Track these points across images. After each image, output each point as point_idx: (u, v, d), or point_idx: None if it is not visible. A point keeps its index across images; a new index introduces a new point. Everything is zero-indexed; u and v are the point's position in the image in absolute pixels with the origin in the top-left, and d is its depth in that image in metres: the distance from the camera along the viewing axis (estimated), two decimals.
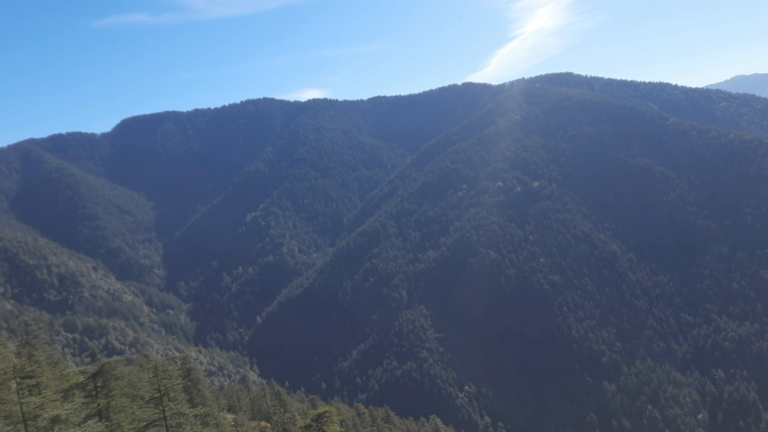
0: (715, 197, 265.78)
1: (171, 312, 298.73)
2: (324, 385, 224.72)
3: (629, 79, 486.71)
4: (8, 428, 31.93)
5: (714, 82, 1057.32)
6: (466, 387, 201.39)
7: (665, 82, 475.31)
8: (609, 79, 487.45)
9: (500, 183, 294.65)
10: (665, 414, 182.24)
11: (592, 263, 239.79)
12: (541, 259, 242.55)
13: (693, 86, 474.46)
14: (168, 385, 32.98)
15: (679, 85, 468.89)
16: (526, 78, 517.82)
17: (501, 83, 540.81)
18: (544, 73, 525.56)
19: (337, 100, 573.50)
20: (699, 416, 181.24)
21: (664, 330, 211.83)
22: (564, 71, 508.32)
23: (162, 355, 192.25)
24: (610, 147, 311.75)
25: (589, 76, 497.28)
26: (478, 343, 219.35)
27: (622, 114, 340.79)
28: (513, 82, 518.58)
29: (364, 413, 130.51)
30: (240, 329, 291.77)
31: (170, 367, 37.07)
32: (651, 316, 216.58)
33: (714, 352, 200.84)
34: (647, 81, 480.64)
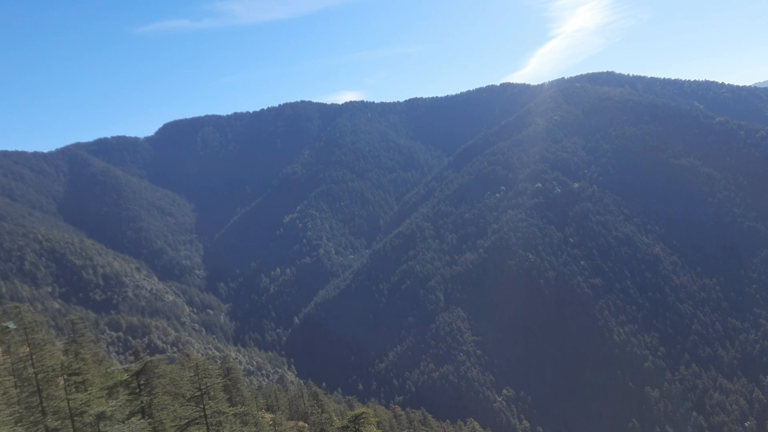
0: (764, 198, 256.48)
1: (211, 312, 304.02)
2: (361, 387, 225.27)
3: (673, 78, 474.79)
4: (56, 423, 32.80)
5: (763, 80, 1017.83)
6: (505, 390, 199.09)
7: (711, 80, 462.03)
8: (652, 78, 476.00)
9: (539, 184, 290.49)
10: (711, 421, 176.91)
11: (635, 266, 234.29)
12: (582, 262, 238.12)
13: (740, 84, 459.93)
14: (208, 384, 33.32)
15: (726, 83, 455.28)
16: (565, 78, 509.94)
17: (540, 83, 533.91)
18: (584, 72, 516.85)
19: (373, 102, 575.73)
20: (746, 424, 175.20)
21: (709, 335, 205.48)
22: (605, 70, 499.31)
23: (202, 355, 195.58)
24: (654, 147, 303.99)
25: (631, 75, 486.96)
26: (516, 347, 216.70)
27: (665, 113, 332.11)
28: (552, 82, 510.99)
29: (400, 415, 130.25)
30: (278, 330, 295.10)
31: (210, 366, 37.46)
32: (696, 320, 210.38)
33: (762, 358, 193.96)
34: (692, 79, 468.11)
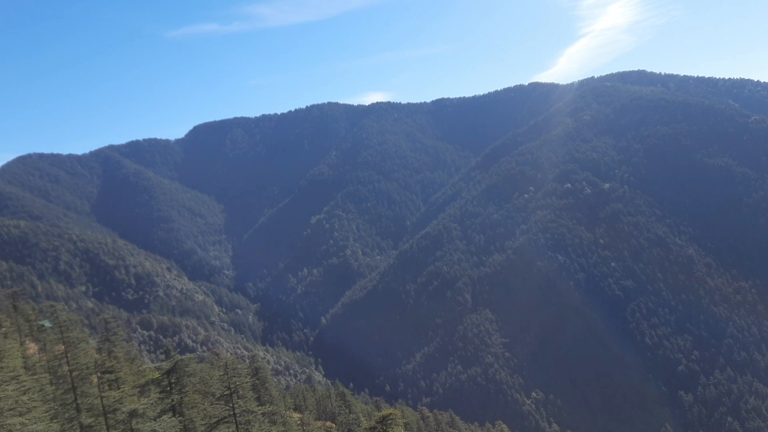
0: None
1: (239, 312, 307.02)
2: (388, 388, 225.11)
3: (707, 76, 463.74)
4: (90, 420, 33.32)
5: None
6: (533, 393, 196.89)
7: (746, 78, 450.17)
8: (685, 76, 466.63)
9: (569, 185, 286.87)
10: (746, 426, 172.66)
11: (667, 268, 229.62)
12: (612, 264, 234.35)
13: None
14: (237, 383, 33.49)
15: (761, 80, 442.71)
16: (595, 77, 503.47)
17: (569, 82, 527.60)
18: (614, 71, 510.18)
19: (400, 103, 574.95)
20: None
21: (745, 338, 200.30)
22: (636, 69, 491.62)
23: (231, 354, 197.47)
24: (687, 147, 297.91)
25: (663, 73, 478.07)
26: (545, 349, 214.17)
27: (699, 112, 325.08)
28: (582, 81, 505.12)
29: (428, 417, 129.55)
30: (305, 330, 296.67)
31: (239, 366, 37.73)
32: (731, 323, 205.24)
33: None
34: (726, 77, 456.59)
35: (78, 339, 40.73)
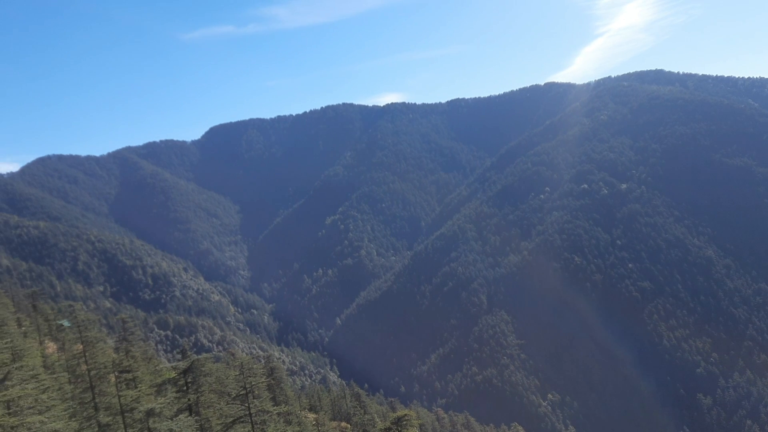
0: None
1: (255, 312, 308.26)
2: (403, 389, 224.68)
3: (726, 75, 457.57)
4: (108, 419, 33.63)
5: None
6: (550, 395, 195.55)
7: (767, 77, 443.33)
8: (703, 75, 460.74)
9: (585, 185, 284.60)
10: (766, 430, 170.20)
11: (686, 269, 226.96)
12: (630, 265, 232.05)
13: None
14: (253, 383, 33.59)
15: None
16: (612, 76, 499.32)
17: (586, 82, 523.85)
18: (632, 70, 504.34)
19: (415, 104, 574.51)
20: None
21: (765, 341, 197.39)
22: (654, 68, 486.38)
23: (247, 354, 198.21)
24: (705, 147, 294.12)
25: (681, 72, 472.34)
26: (561, 351, 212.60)
27: (718, 112, 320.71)
28: (599, 80, 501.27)
29: (443, 418, 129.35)
30: (320, 330, 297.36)
31: (255, 366, 37.86)
32: (751, 325, 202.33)
33: None
34: (746, 76, 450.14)
35: (96, 338, 41.14)
